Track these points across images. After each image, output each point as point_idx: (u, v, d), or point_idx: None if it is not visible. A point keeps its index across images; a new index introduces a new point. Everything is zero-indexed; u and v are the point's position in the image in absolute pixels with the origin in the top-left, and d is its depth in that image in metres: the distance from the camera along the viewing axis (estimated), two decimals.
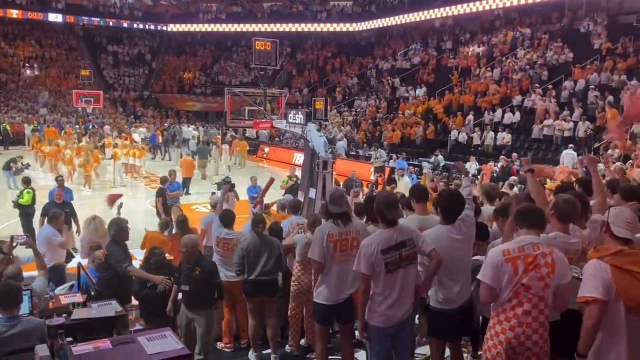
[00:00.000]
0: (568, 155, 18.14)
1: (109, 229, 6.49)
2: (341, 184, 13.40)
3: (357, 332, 5.78)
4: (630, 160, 15.48)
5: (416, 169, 21.90)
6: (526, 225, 3.57)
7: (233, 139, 28.00)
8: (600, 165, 15.54)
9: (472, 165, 20.63)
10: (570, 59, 25.91)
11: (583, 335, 3.22)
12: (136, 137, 26.04)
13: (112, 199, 9.25)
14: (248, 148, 28.00)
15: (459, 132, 24.71)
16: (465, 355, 5.63)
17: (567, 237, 3.93)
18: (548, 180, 14.87)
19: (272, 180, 9.77)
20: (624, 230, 3.22)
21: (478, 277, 3.56)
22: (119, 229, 6.41)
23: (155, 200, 12.60)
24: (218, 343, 6.78)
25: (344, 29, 41.67)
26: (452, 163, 22.20)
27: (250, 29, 41.94)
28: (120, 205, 9.41)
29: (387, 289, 4.12)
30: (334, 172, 12.17)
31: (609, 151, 16.91)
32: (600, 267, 3.18)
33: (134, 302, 6.34)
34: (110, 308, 5.47)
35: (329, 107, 32.28)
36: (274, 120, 13.72)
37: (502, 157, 20.06)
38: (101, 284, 6.13)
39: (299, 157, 23.52)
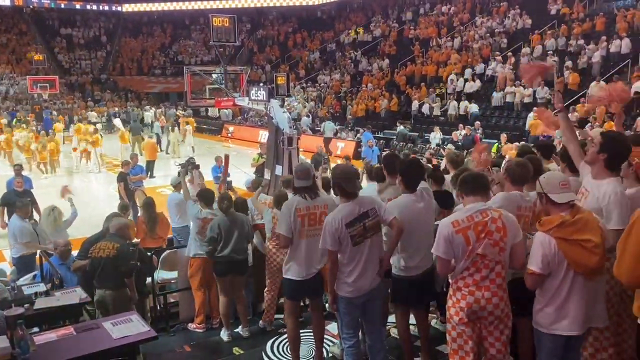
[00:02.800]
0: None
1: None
2: (309, 160, 13.35)
3: (327, 305, 5.83)
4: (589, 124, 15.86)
5: (381, 141, 22.04)
6: (471, 192, 3.56)
7: (181, 117, 27.49)
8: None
9: (436, 136, 20.81)
10: (529, 26, 26.20)
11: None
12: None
13: (64, 192, 9.05)
14: (212, 127, 27.65)
15: (422, 103, 24.83)
16: (434, 321, 5.72)
17: (522, 195, 3.99)
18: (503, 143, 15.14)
19: (227, 157, 9.67)
20: (562, 195, 3.22)
21: (432, 250, 3.58)
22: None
23: (117, 185, 12.34)
24: (190, 324, 6.74)
25: (304, 3, 41.24)
26: (417, 134, 22.38)
27: (208, 6, 41.11)
28: (71, 199, 9.21)
29: (354, 260, 4.12)
30: (300, 149, 12.09)
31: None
32: (545, 240, 3.20)
33: None
34: (74, 295, 5.35)
35: (292, 83, 32.30)
36: (236, 98, 13.52)
37: (467, 126, 20.26)
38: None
39: (264, 135, 23.33)
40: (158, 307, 7.29)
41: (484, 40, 26.97)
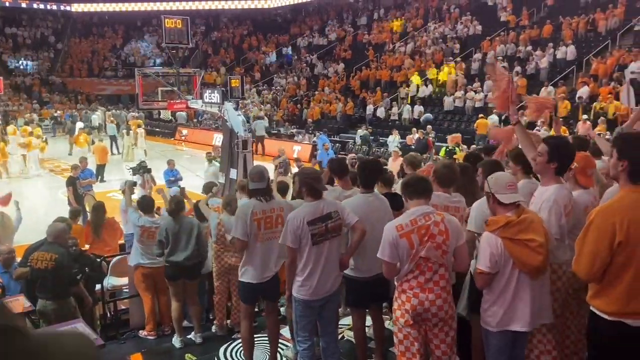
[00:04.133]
0: (491, 120, 18.99)
1: None
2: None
3: (282, 309, 5.80)
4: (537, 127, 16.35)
5: (337, 145, 22.15)
6: (415, 196, 3.62)
7: (132, 119, 26.99)
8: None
9: (395, 139, 20.95)
10: (479, 32, 26.86)
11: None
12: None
13: (5, 200, 8.71)
14: (165, 130, 27.12)
15: (376, 107, 25.08)
16: (387, 322, 5.76)
17: (449, 196, 4.10)
18: (457, 150, 15.47)
19: None
20: (509, 195, 3.30)
21: (378, 255, 3.61)
22: None
23: (66, 190, 11.98)
24: (141, 331, 6.59)
25: (259, 6, 41.07)
26: (372, 137, 22.58)
27: (161, 8, 40.43)
28: (17, 203, 8.87)
29: (313, 261, 4.11)
30: (253, 152, 12.03)
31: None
32: (492, 240, 3.28)
33: None
34: (17, 304, 5.16)
35: (248, 85, 32.11)
36: (189, 100, 13.34)
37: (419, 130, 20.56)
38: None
39: (218, 138, 23.09)
40: (108, 315, 7.10)
41: (436, 45, 27.49)
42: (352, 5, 38.03)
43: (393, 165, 12.16)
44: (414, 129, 20.59)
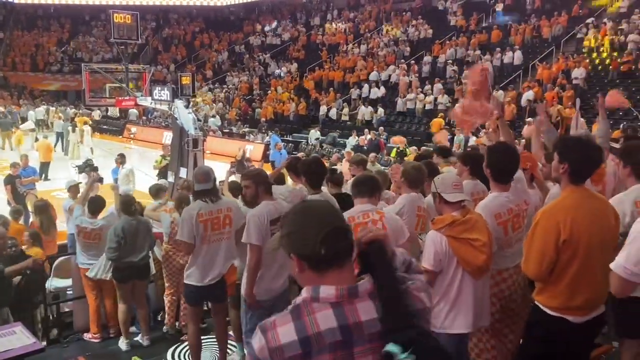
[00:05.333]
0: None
1: None
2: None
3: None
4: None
5: (290, 145, 22.11)
6: (359, 195, 3.69)
7: (75, 115, 26.21)
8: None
9: (352, 139, 20.99)
10: (430, 35, 27.35)
11: None
12: None
13: None
14: (113, 128, 26.43)
15: (329, 108, 25.17)
16: None
17: (421, 198, 4.17)
18: (408, 151, 15.73)
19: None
20: (454, 194, 3.35)
21: None
22: None
23: (4, 188, 11.50)
24: (85, 334, 6.39)
25: (212, 4, 40.54)
26: (324, 137, 22.66)
27: (110, 2, 39.32)
28: None
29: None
30: (206, 151, 11.88)
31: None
32: (437, 238, 3.32)
33: None
34: None
35: (199, 83, 31.66)
36: (137, 97, 13.04)
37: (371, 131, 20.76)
38: None
39: (168, 137, 22.67)
40: (51, 317, 6.85)
41: (388, 48, 27.84)
42: (306, 5, 38.07)
43: (345, 165, 12.22)
44: (366, 130, 20.79)
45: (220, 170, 7.71)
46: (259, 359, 1.54)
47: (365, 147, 19.13)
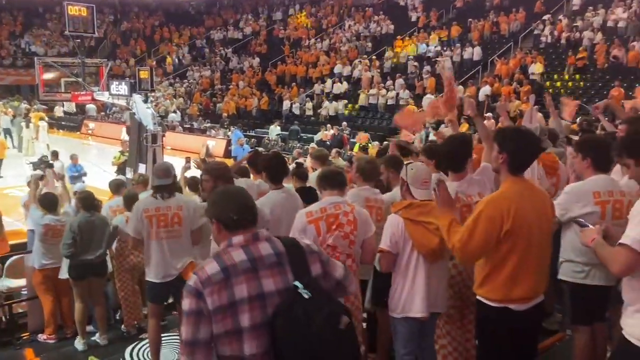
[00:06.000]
0: (427, 100, 19.49)
1: None
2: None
3: None
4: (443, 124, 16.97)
5: (253, 140, 21.98)
6: (329, 187, 3.68)
7: (29, 111, 25.41)
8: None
9: (321, 134, 20.90)
10: (392, 31, 27.55)
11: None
12: None
13: None
14: (71, 124, 25.76)
15: (292, 103, 25.11)
16: None
17: (372, 190, 4.17)
18: (371, 146, 15.83)
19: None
20: (420, 192, 3.40)
21: None
22: None
23: None
24: (40, 335, 6.20)
25: None
26: (286, 133, 22.59)
27: None
28: None
29: None
30: (166, 147, 11.70)
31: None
32: (394, 220, 3.39)
33: None
34: None
35: (159, 78, 31.12)
36: (94, 92, 12.72)
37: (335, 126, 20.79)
38: None
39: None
40: (3, 319, 6.63)
41: (350, 43, 27.91)
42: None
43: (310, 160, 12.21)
44: (329, 125, 20.81)
45: (180, 166, 7.61)
46: (193, 291, 2.05)
47: (328, 142, 19.16)
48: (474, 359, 3.64)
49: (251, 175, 5.73)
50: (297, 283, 2.07)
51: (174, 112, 27.13)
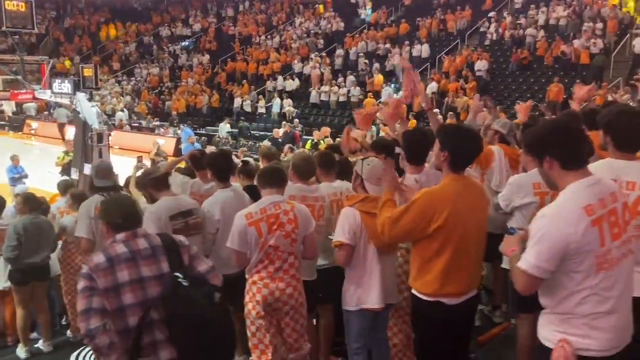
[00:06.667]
0: (386, 91, 19.71)
1: None
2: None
3: None
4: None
5: (203, 138, 21.68)
6: (268, 185, 3.66)
7: None
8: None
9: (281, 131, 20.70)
10: (342, 28, 27.67)
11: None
12: None
13: None
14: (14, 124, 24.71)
15: (243, 101, 24.88)
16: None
17: (308, 188, 4.14)
18: (322, 142, 15.88)
19: None
20: (374, 187, 3.43)
21: (227, 244, 3.60)
22: None
23: None
24: None
25: None
26: (237, 130, 22.40)
27: None
28: None
29: None
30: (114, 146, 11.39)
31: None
32: (350, 213, 3.42)
33: None
34: None
35: (105, 76, 30.26)
36: (35, 90, 12.26)
37: (286, 123, 20.72)
38: None
39: (72, 132, 21.52)
40: None
41: (301, 40, 27.89)
42: None
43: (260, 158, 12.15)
44: (283, 123, 20.75)
45: (130, 166, 7.44)
46: (86, 275, 2.61)
47: (280, 140, 19.10)
48: None
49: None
50: (177, 274, 2.68)
51: (122, 110, 26.40)
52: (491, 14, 23.80)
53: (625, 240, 2.29)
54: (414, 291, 3.04)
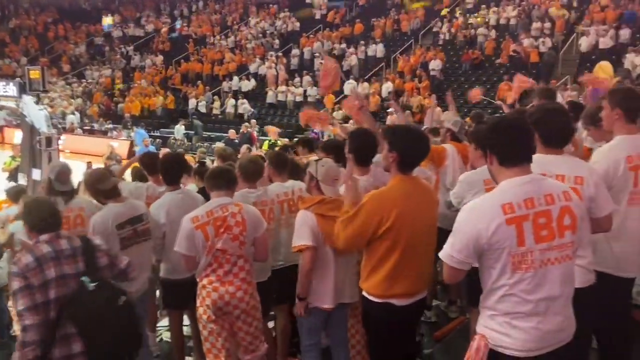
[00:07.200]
0: (349, 85, 19.69)
1: None
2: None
3: None
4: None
5: (158, 140, 21.29)
6: (215, 188, 3.60)
7: None
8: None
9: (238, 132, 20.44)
10: (298, 28, 27.65)
11: (301, 279, 3.42)
12: None
13: None
14: None
15: (198, 102, 24.54)
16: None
17: (252, 191, 4.06)
18: (279, 142, 15.80)
19: None
20: (330, 189, 3.43)
21: (175, 248, 3.54)
22: None
23: None
24: None
25: None
26: (193, 132, 22.11)
27: None
28: None
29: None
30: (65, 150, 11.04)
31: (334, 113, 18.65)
32: (307, 216, 3.38)
33: None
34: None
35: (55, 78, 29.32)
36: None
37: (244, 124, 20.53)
38: None
39: (19, 136, 20.78)
40: None
41: (257, 40, 27.72)
42: None
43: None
44: (245, 124, 20.53)
45: (81, 170, 7.18)
46: (20, 274, 2.82)
47: (237, 141, 18.91)
48: None
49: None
50: (84, 278, 2.95)
51: (72, 113, 25.65)
52: (443, 12, 24.19)
53: (560, 245, 2.25)
54: (364, 292, 3.04)
